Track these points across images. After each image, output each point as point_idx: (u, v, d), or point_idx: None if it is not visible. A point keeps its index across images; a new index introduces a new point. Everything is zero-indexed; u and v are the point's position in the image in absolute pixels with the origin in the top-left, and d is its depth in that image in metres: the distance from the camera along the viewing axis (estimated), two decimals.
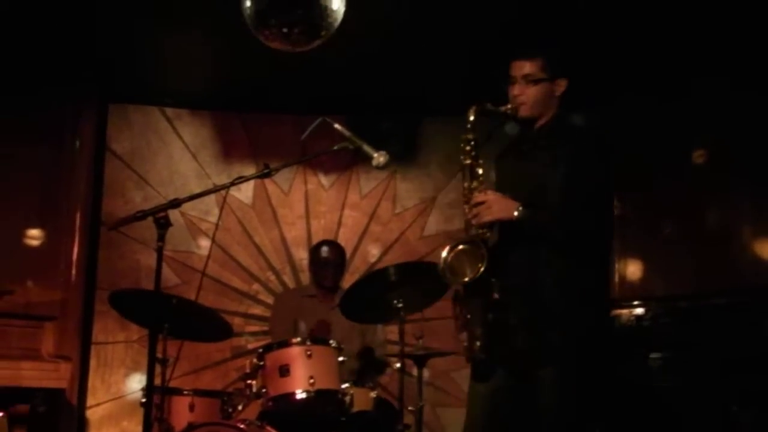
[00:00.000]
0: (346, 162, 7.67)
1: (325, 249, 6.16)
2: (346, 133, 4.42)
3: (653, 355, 4.95)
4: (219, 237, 7.42)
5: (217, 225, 7.12)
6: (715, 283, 5.94)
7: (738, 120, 6.21)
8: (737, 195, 6.22)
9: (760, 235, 5.95)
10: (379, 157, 4.36)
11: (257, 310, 7.50)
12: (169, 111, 7.72)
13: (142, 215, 4.00)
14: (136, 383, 7.24)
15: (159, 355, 4.67)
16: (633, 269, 7.06)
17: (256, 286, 7.60)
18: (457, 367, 7.40)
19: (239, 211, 7.63)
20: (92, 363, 7.29)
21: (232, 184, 4.33)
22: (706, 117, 6.48)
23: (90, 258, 7.31)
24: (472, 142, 4.04)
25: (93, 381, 7.27)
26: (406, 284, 5.07)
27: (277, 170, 4.34)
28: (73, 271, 7.16)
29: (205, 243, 7.52)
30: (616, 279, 7.10)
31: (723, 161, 6.44)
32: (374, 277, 5.33)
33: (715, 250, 6.26)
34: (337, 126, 4.46)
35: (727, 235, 6.23)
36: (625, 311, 5.25)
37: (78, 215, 7.24)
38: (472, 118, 4.03)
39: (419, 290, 5.17)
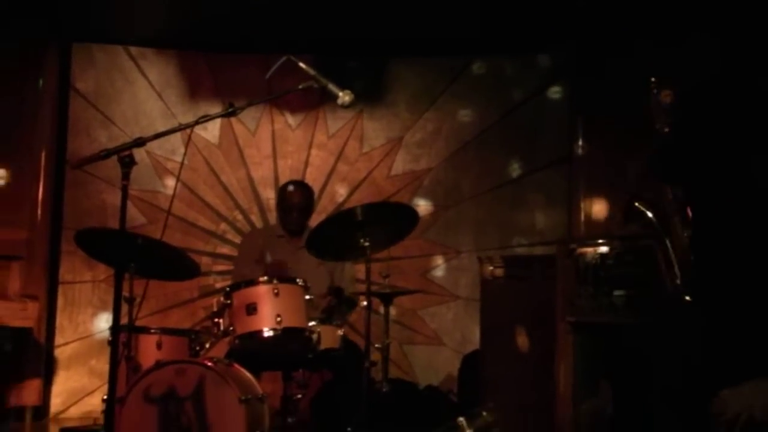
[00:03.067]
0: (313, 102, 7.64)
1: (291, 192, 6.11)
2: (312, 71, 4.39)
3: (617, 293, 4.98)
4: (186, 176, 7.41)
5: (182, 164, 7.08)
6: None
7: (701, 63, 6.22)
8: None
9: None
10: (344, 96, 4.33)
11: (225, 250, 7.51)
12: (133, 50, 7.65)
13: (106, 154, 3.96)
14: (103, 322, 7.27)
15: (126, 294, 4.65)
16: (597, 208, 7.12)
17: (223, 226, 7.60)
18: (422, 305, 7.48)
19: (206, 150, 7.60)
20: (59, 302, 7.30)
21: (197, 122, 4.29)
22: (663, 61, 6.49)
23: (56, 197, 7.29)
24: None
25: (60, 320, 7.29)
26: (373, 224, 5.06)
27: (242, 109, 4.30)
28: (39, 211, 7.13)
29: (171, 182, 7.49)
30: (581, 218, 7.17)
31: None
32: (341, 217, 5.33)
33: None
34: (302, 65, 4.44)
35: None
36: (589, 250, 5.26)
37: (42, 154, 7.19)
38: None
39: (386, 229, 5.18)
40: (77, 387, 7.21)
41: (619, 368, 5.10)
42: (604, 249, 5.20)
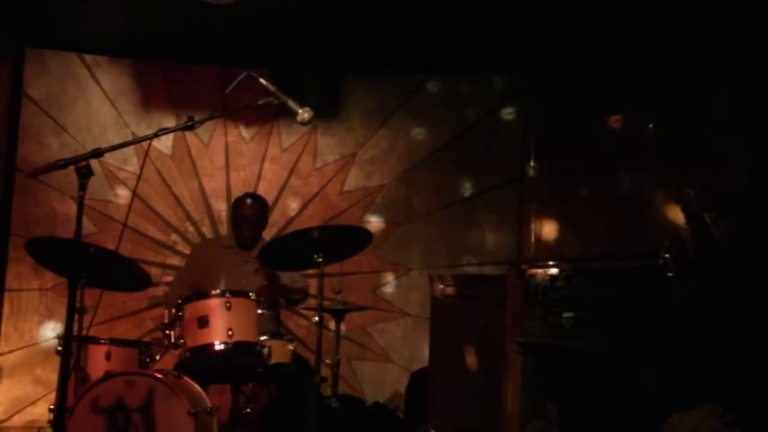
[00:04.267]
0: (268, 115, 7.65)
1: (245, 205, 6.13)
2: (271, 88, 4.42)
3: (566, 315, 5.06)
4: (137, 186, 7.37)
5: (139, 176, 7.05)
6: (627, 245, 6.09)
7: (651, 87, 6.34)
8: (649, 160, 6.37)
9: (672, 199, 6.11)
10: (303, 113, 4.37)
11: (175, 261, 7.48)
12: (87, 57, 7.60)
13: (63, 164, 3.94)
14: (50, 331, 7.21)
15: (77, 303, 4.64)
16: (548, 229, 7.19)
17: (174, 237, 7.57)
18: (373, 321, 7.51)
19: (158, 160, 7.58)
20: (5, 310, 7.23)
21: (155, 135, 4.30)
22: (622, 84, 6.60)
23: (4, 204, 7.22)
24: None
25: (6, 328, 7.21)
26: (328, 242, 5.10)
27: (200, 123, 4.32)
28: None
29: (122, 192, 7.47)
30: (532, 239, 7.24)
31: (636, 126, 6.57)
32: (297, 235, 5.35)
33: (628, 213, 6.41)
34: (262, 81, 4.46)
35: (641, 198, 6.39)
36: (539, 271, 5.35)
37: None
38: None
39: (339, 246, 5.23)
40: (21, 396, 7.13)
41: (565, 390, 5.17)
42: (554, 271, 5.28)
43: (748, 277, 4.20)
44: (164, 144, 7.60)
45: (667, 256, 4.32)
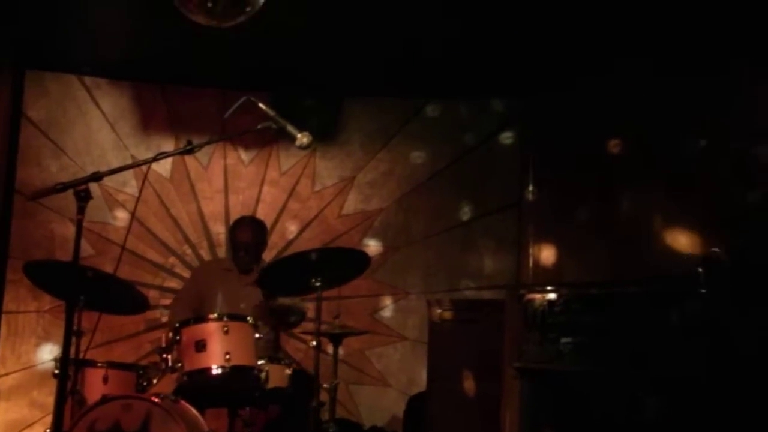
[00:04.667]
0: (267, 138, 7.66)
1: (242, 231, 6.13)
2: (271, 112, 4.42)
3: (564, 340, 5.05)
4: (136, 209, 7.36)
5: (138, 199, 7.04)
6: (628, 271, 6.09)
7: (652, 108, 6.34)
8: (651, 183, 6.37)
9: (673, 224, 6.10)
10: (302, 138, 4.37)
11: (173, 283, 7.47)
12: (87, 80, 7.62)
13: (62, 187, 3.94)
14: (47, 353, 7.18)
15: (74, 326, 4.63)
16: (547, 254, 7.20)
17: (172, 260, 7.57)
18: (370, 345, 7.50)
19: (157, 183, 7.58)
20: (2, 332, 7.21)
21: (155, 159, 4.31)
22: (621, 105, 6.61)
23: (2, 226, 7.22)
24: None
25: (3, 350, 7.20)
26: (326, 265, 5.10)
27: (200, 147, 4.32)
28: None
29: (121, 214, 7.47)
30: (530, 264, 7.25)
31: (638, 149, 6.57)
32: (295, 258, 5.35)
33: (628, 239, 6.41)
34: (261, 105, 4.46)
35: (641, 223, 6.38)
36: (538, 296, 5.33)
37: None
38: None
39: (337, 270, 5.22)
40: (18, 419, 7.10)
41: (564, 415, 5.15)
42: (552, 296, 5.26)
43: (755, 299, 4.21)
44: (163, 167, 7.59)
45: (700, 270, 4.30)
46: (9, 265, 7.20)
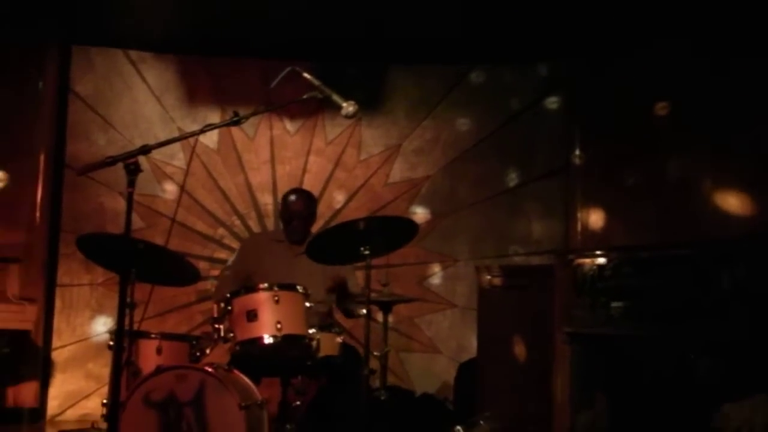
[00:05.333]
0: (312, 108, 7.69)
1: (293, 201, 6.13)
2: (316, 82, 4.42)
3: (614, 304, 5.04)
4: (185, 181, 7.41)
5: (186, 171, 7.11)
6: (676, 233, 6.06)
7: (699, 73, 6.29)
8: (698, 146, 6.32)
9: (721, 186, 6.06)
10: (348, 107, 4.36)
11: (222, 254, 7.54)
12: (132, 54, 7.68)
13: (112, 161, 3.97)
14: (101, 325, 7.30)
15: (127, 299, 4.68)
16: (595, 219, 7.18)
17: (221, 231, 7.64)
18: (419, 313, 7.53)
19: (204, 155, 7.64)
20: (57, 305, 7.33)
21: (202, 131, 4.31)
22: (669, 70, 6.55)
23: (54, 200, 7.32)
24: None
25: (58, 323, 7.32)
26: (374, 234, 5.10)
27: (246, 118, 4.32)
28: (37, 214, 7.16)
29: (169, 187, 7.55)
30: (579, 228, 7.23)
31: (684, 112, 6.52)
32: (343, 227, 5.35)
33: (676, 202, 6.37)
34: (306, 75, 4.46)
35: (689, 186, 6.35)
36: (587, 261, 5.33)
37: (42, 157, 7.23)
38: None
39: (385, 238, 5.22)
40: (74, 390, 7.23)
41: (615, 380, 5.15)
42: (601, 260, 5.26)
43: None
44: (210, 139, 7.65)
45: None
46: (61, 239, 7.30)
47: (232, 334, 4.89)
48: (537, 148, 7.72)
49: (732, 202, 5.93)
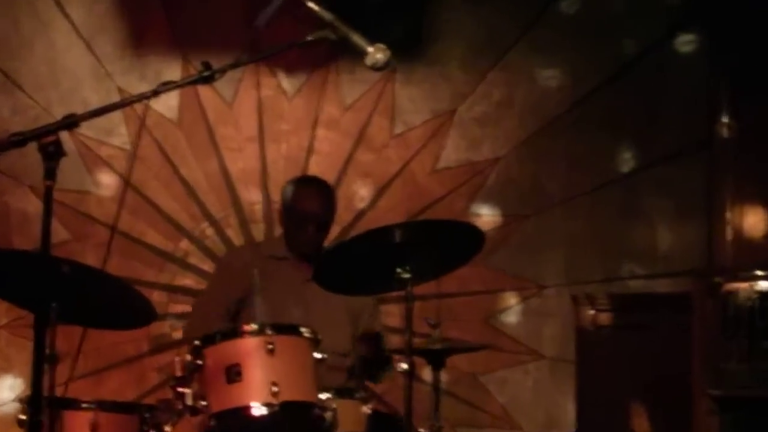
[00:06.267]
0: (321, 56, 7.71)
1: (309, 195, 6.14)
2: (327, 16, 4.40)
3: None
4: (131, 170, 7.43)
5: (134, 155, 7.13)
6: None
7: None
8: None
9: None
10: (375, 53, 4.33)
11: (188, 281, 7.58)
12: None
13: (20, 139, 3.97)
14: (6, 390, 7.32)
15: (46, 349, 4.69)
16: (754, 221, 7.15)
17: (185, 244, 7.66)
18: (488, 368, 7.51)
19: (158, 129, 7.66)
20: None
21: (155, 93, 4.28)
22: None
23: None
24: None
25: None
26: (417, 248, 5.09)
27: (222, 72, 4.30)
28: None
29: (107, 178, 7.59)
30: (729, 236, 7.19)
31: None
32: (370, 237, 5.34)
33: None
34: (311, 5, 4.45)
35: None
36: (743, 285, 5.31)
37: None
38: None
39: (434, 254, 5.21)
40: None
41: None
42: (765, 285, 5.23)
43: None
44: (165, 104, 7.66)
45: None
46: None
47: (204, 403, 4.90)
48: (663, 114, 7.71)
49: None
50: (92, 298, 5.00)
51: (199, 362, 4.94)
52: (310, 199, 6.10)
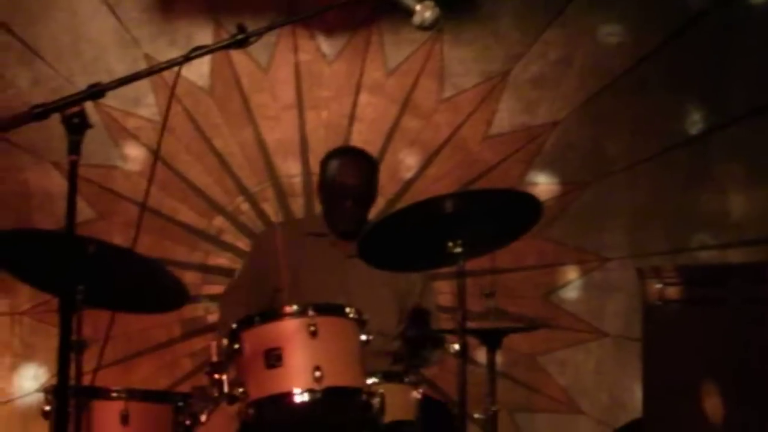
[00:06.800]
0: (363, 17, 7.72)
1: (347, 167, 6.15)
2: None
3: None
4: (160, 142, 7.42)
5: (163, 126, 7.14)
6: None
7: None
8: None
9: None
10: (423, 11, 4.34)
11: (222, 260, 7.61)
12: None
13: (42, 111, 4.00)
14: (29, 380, 7.36)
15: (72, 335, 4.71)
16: None
17: (219, 221, 7.69)
18: (547, 347, 7.51)
19: (189, 98, 7.69)
20: None
21: (185, 59, 4.32)
22: None
23: None
24: None
25: None
26: (469, 220, 5.09)
27: (257, 36, 4.32)
28: None
29: (134, 151, 7.61)
30: None
31: None
32: (418, 210, 5.34)
33: None
34: None
35: None
36: None
37: None
38: None
39: (488, 227, 5.21)
40: None
41: None
42: None
43: None
44: (197, 71, 7.69)
45: None
46: None
47: (241, 390, 4.92)
48: (733, 72, 7.68)
49: None
50: (120, 279, 5.03)
51: (236, 346, 4.96)
52: (345, 171, 6.10)
